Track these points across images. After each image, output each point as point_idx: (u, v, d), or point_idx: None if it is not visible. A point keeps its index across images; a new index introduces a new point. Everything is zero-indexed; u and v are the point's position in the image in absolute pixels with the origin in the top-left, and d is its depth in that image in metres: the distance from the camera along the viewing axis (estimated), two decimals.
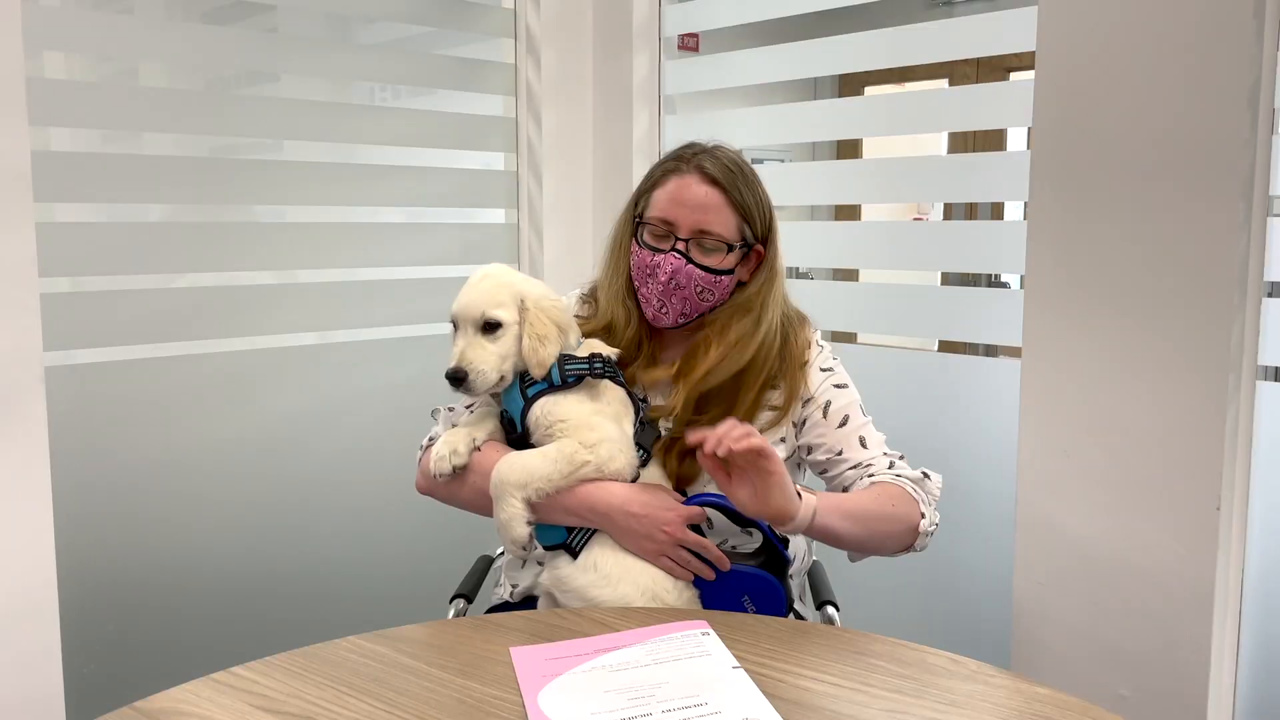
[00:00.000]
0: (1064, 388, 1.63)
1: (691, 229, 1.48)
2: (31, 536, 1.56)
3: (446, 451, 1.44)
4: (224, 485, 2.03)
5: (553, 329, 1.41)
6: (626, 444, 1.41)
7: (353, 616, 2.11)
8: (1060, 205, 1.62)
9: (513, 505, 1.36)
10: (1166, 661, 1.55)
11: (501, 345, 1.40)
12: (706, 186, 1.48)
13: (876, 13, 2.08)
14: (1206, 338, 1.49)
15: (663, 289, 1.49)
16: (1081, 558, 1.63)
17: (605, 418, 1.41)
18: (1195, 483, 1.51)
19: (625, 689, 1.08)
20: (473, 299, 1.41)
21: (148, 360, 1.95)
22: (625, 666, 1.13)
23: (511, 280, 1.43)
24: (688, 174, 1.49)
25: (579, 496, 1.38)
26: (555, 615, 1.32)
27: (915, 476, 1.50)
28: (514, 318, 1.40)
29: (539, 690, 1.08)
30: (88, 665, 1.84)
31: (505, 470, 1.36)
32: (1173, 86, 1.49)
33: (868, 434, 1.53)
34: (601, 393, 1.43)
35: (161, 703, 1.05)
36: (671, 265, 1.48)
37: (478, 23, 2.36)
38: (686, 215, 1.48)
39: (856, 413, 1.53)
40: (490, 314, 1.39)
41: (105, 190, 1.88)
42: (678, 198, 1.49)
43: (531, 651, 1.18)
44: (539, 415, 1.40)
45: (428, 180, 2.33)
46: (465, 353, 1.39)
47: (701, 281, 1.49)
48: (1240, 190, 1.46)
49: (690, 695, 1.06)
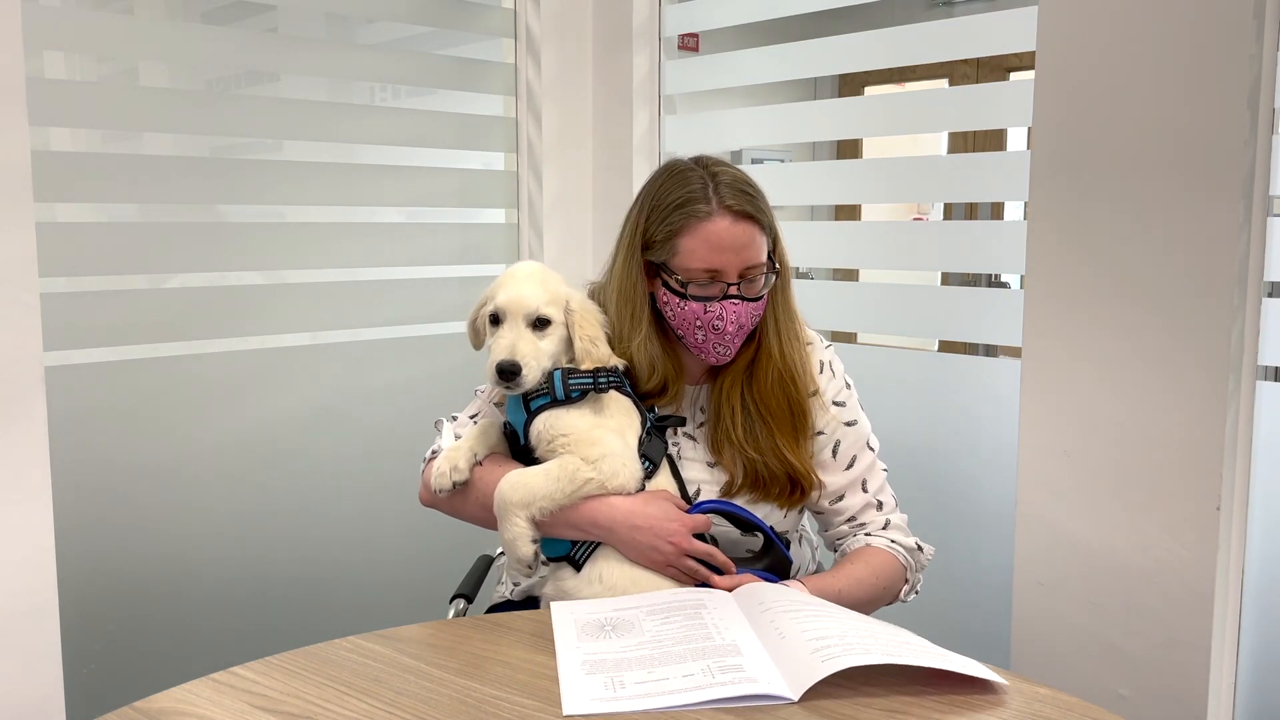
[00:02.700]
0: (1064, 388, 1.63)
1: (740, 270, 1.42)
2: (31, 536, 1.56)
3: (447, 468, 1.43)
4: (224, 485, 2.02)
5: (600, 331, 1.42)
6: (630, 458, 1.40)
7: (353, 616, 2.12)
8: (1060, 205, 1.62)
9: (517, 524, 1.35)
10: (1166, 661, 1.55)
11: (550, 343, 1.40)
12: (742, 225, 1.41)
13: (876, 13, 2.08)
14: (1206, 338, 1.49)
15: (731, 337, 1.44)
16: (1081, 558, 1.63)
17: (608, 431, 1.40)
18: (1195, 483, 1.51)
19: (647, 641, 1.18)
20: (525, 293, 1.39)
21: (148, 360, 1.95)
22: (643, 622, 1.24)
23: (557, 280, 1.44)
24: (719, 217, 1.41)
25: (583, 512, 1.37)
26: None
27: (909, 546, 1.49)
28: (561, 317, 1.41)
29: (568, 647, 1.18)
30: (88, 665, 1.84)
31: (507, 490, 1.35)
32: (1173, 86, 1.49)
33: (871, 476, 1.52)
34: (605, 405, 1.42)
35: (161, 703, 1.05)
36: (734, 313, 1.42)
37: (478, 23, 2.36)
38: (732, 259, 1.41)
39: (864, 450, 1.53)
40: (545, 311, 1.39)
41: (105, 190, 1.88)
42: (717, 244, 1.41)
43: (570, 606, 1.31)
44: (541, 430, 1.39)
45: (428, 180, 2.33)
46: (519, 346, 1.37)
47: (757, 310, 1.46)
48: (1240, 190, 1.46)
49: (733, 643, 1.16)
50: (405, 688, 1.09)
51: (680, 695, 1.05)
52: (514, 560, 1.37)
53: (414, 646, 1.20)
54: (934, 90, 3.91)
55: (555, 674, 1.12)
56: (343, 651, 1.18)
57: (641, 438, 1.43)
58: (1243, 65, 1.43)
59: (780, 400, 1.47)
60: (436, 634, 1.24)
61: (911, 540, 1.51)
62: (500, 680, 1.11)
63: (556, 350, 1.41)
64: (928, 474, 2.00)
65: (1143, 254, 1.54)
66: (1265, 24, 1.44)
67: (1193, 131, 1.48)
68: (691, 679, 1.08)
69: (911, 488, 2.01)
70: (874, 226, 2.42)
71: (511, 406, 1.44)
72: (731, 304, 1.42)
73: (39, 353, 1.56)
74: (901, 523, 1.52)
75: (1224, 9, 1.44)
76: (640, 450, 1.42)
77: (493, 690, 1.08)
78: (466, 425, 1.53)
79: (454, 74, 2.35)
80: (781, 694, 1.06)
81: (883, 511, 1.52)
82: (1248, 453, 1.53)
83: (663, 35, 2.38)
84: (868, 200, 2.17)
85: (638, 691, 1.06)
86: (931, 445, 2.00)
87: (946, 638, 1.21)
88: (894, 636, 1.16)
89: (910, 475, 2.01)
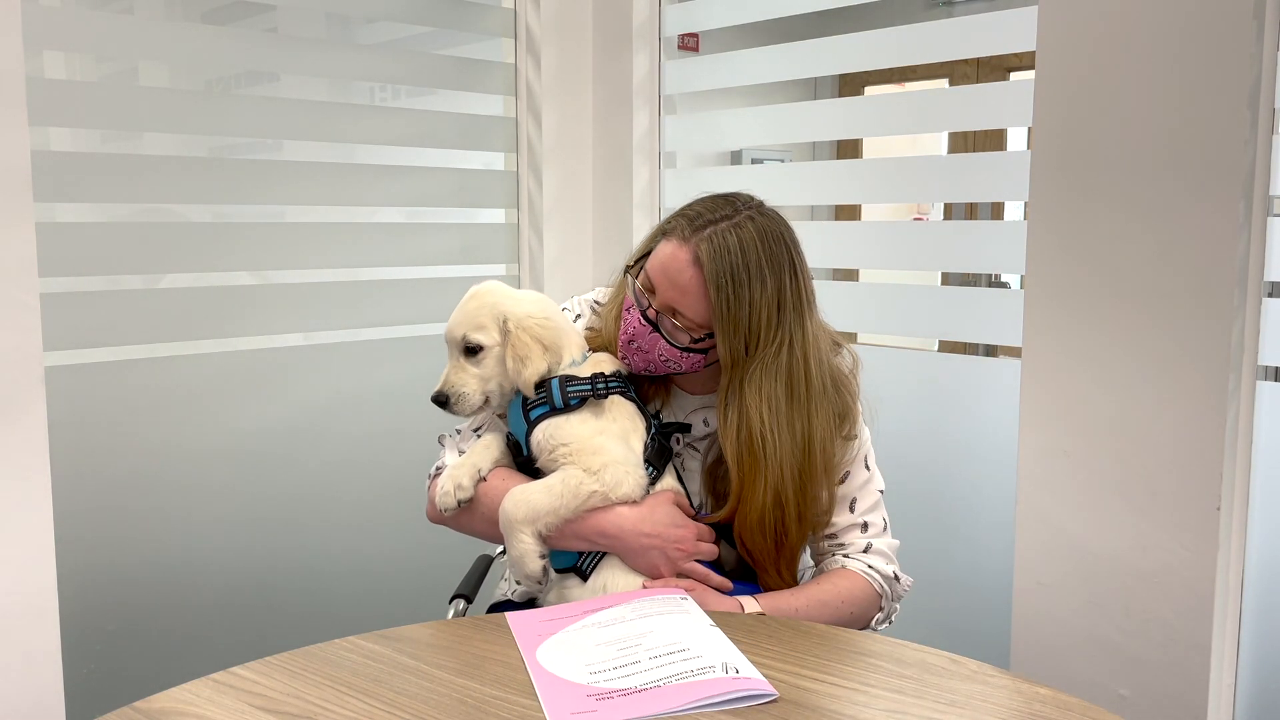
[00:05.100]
0: (1064, 388, 1.63)
1: (664, 304, 1.38)
2: (31, 536, 1.56)
3: (451, 486, 1.41)
4: (225, 485, 2.02)
5: (535, 348, 1.38)
6: (634, 464, 1.38)
7: (353, 616, 2.12)
8: (1060, 205, 1.62)
9: (523, 541, 1.34)
10: (1166, 661, 1.55)
11: (484, 368, 1.40)
12: (693, 270, 1.34)
13: (876, 13, 2.08)
14: (1206, 338, 1.49)
15: (634, 349, 1.41)
16: (1081, 558, 1.63)
17: (611, 437, 1.38)
18: (1195, 483, 1.51)
19: (614, 641, 1.18)
20: (455, 321, 1.41)
21: (148, 360, 1.95)
22: (612, 622, 1.23)
23: (497, 299, 1.42)
24: (684, 245, 1.35)
25: (590, 523, 1.36)
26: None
27: (886, 574, 1.45)
28: (495, 339, 1.40)
29: (537, 647, 1.17)
30: (88, 665, 1.84)
31: (511, 508, 1.34)
32: (1173, 86, 1.49)
33: (863, 496, 1.47)
34: (606, 410, 1.40)
35: (161, 703, 1.05)
36: (633, 327, 1.40)
37: (478, 23, 2.36)
38: (665, 288, 1.37)
39: (859, 468, 1.48)
40: (471, 337, 1.40)
41: (105, 190, 1.88)
42: (664, 265, 1.37)
43: (526, 615, 1.28)
44: (542, 439, 1.38)
45: (428, 180, 2.33)
46: (449, 376, 1.41)
47: (667, 353, 1.40)
48: (1240, 190, 1.46)
49: (673, 643, 1.16)
50: (405, 688, 1.09)
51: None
52: (522, 577, 1.37)
53: (414, 646, 1.20)
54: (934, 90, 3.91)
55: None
56: (343, 651, 1.18)
57: (646, 443, 1.41)
58: (1243, 65, 1.43)
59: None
60: (436, 634, 1.24)
61: (890, 569, 1.45)
62: (500, 680, 1.11)
63: (493, 373, 1.41)
64: (928, 474, 2.00)
65: (1143, 254, 1.54)
66: (1265, 24, 1.44)
67: (1193, 131, 1.48)
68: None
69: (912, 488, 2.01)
70: (874, 226, 2.42)
71: (513, 417, 1.43)
72: (639, 319, 1.39)
73: (39, 353, 1.56)
74: (887, 549, 1.47)
75: (1224, 9, 1.44)
76: (645, 456, 1.40)
77: (493, 690, 1.08)
78: (470, 439, 1.52)
79: (454, 74, 2.35)
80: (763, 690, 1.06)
81: (867, 534, 1.46)
82: (1248, 453, 1.53)
83: (663, 35, 2.38)
84: (868, 200, 2.17)
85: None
86: (931, 445, 2.00)
87: (947, 638, 1.21)
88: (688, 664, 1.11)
89: (910, 475, 2.01)
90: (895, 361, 2.10)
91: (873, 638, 1.24)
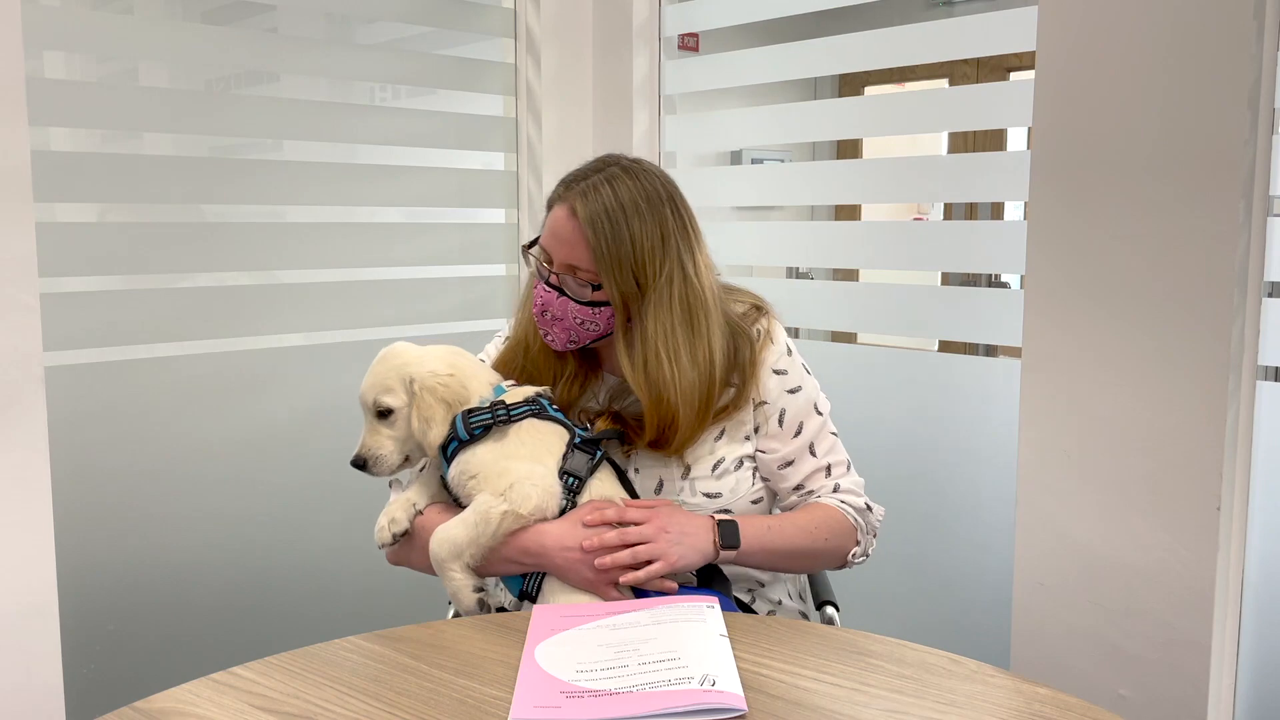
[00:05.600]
0: (1064, 388, 1.63)
1: (561, 265, 1.43)
2: (31, 536, 1.56)
3: (385, 522, 1.43)
4: (225, 485, 2.03)
5: (439, 409, 1.39)
6: (541, 477, 1.37)
7: (353, 616, 2.12)
8: (1060, 205, 1.62)
9: (454, 578, 1.35)
10: (1166, 661, 1.55)
11: (396, 429, 1.41)
12: (573, 222, 1.41)
13: (876, 13, 2.09)
14: (1206, 338, 1.49)
15: (549, 321, 1.45)
16: (1081, 558, 1.63)
17: (516, 459, 1.38)
18: (1195, 483, 1.51)
19: (615, 644, 1.17)
20: (366, 385, 1.43)
21: (148, 360, 1.95)
22: (625, 626, 1.22)
23: (402, 361, 1.42)
24: (563, 204, 1.43)
25: (514, 545, 1.35)
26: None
27: (858, 505, 1.48)
28: (404, 400, 1.41)
29: (539, 642, 1.18)
30: (88, 665, 1.84)
31: (435, 547, 1.35)
32: (1172, 86, 1.49)
33: (820, 440, 1.50)
34: (513, 435, 1.40)
35: (161, 703, 1.05)
36: (543, 298, 1.45)
37: (477, 23, 2.36)
38: (555, 247, 1.44)
39: (811, 415, 1.50)
40: (381, 400, 1.41)
41: (105, 190, 1.88)
42: (550, 228, 1.45)
43: (550, 609, 1.29)
44: (456, 475, 1.39)
45: (428, 180, 2.33)
46: (365, 440, 1.43)
47: (579, 313, 1.43)
48: (1240, 190, 1.46)
49: (667, 651, 1.13)
50: (405, 688, 1.09)
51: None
52: (463, 610, 1.37)
53: (414, 646, 1.20)
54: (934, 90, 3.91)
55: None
56: (343, 651, 1.18)
57: (565, 454, 1.40)
58: (1243, 65, 1.43)
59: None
60: (436, 634, 1.24)
61: (861, 500, 1.49)
62: (500, 680, 1.11)
63: (405, 434, 1.41)
64: (928, 474, 2.00)
65: (1143, 254, 1.54)
66: (1265, 24, 1.44)
67: (1193, 131, 1.48)
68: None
69: (912, 488, 2.02)
70: (874, 226, 2.42)
71: (443, 461, 1.44)
72: (544, 288, 1.44)
73: (39, 353, 1.56)
74: (854, 485, 1.51)
75: (1224, 9, 1.44)
76: (562, 469, 1.39)
77: (493, 690, 1.08)
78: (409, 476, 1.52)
79: (454, 74, 2.35)
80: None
81: (832, 476, 1.50)
82: (1248, 453, 1.53)
83: (663, 35, 2.38)
84: (868, 200, 2.17)
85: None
86: (931, 445, 2.00)
87: (947, 637, 1.21)
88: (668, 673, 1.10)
89: (911, 475, 2.02)
90: (895, 361, 2.10)
91: (872, 638, 1.24)
